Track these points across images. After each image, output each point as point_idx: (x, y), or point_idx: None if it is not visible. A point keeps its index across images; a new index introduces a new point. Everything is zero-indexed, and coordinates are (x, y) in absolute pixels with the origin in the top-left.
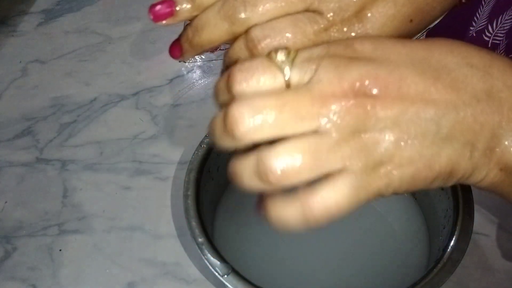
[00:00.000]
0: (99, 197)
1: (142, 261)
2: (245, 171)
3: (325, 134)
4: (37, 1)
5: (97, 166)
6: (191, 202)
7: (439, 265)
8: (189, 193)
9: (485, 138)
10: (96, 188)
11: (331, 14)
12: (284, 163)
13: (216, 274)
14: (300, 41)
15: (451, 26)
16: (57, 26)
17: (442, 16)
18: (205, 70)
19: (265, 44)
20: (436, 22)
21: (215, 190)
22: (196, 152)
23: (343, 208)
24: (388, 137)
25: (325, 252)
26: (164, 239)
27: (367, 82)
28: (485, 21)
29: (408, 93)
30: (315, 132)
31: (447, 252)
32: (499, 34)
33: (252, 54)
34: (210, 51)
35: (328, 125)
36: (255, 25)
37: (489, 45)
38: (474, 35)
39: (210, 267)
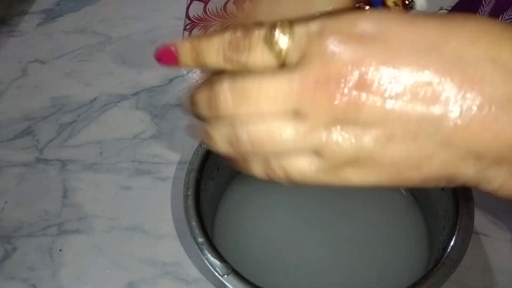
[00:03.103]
0: (99, 197)
1: (142, 261)
2: (219, 137)
3: (302, 119)
4: (37, 1)
5: (97, 166)
6: (191, 202)
7: (439, 265)
8: (189, 193)
9: (497, 149)
10: (96, 188)
11: None
12: (254, 135)
13: (216, 274)
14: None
15: None
16: (57, 26)
17: None
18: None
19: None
20: None
21: (215, 190)
22: (196, 152)
23: (301, 181)
24: (370, 134)
25: (325, 252)
26: (164, 239)
27: (354, 73)
28: None
29: (402, 88)
30: (296, 113)
31: (447, 252)
32: None
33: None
34: None
35: (305, 112)
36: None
37: None
38: None
39: (210, 267)
